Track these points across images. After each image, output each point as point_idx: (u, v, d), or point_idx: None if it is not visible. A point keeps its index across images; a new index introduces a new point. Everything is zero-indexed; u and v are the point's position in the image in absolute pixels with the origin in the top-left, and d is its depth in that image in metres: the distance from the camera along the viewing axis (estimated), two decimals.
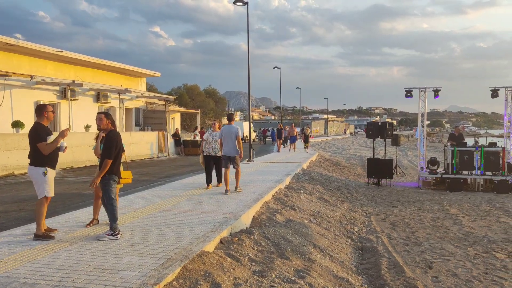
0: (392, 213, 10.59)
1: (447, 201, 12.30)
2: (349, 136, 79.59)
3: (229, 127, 9.43)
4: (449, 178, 14.56)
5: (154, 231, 5.90)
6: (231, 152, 9.30)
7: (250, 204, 7.96)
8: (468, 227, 9.04)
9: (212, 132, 10.02)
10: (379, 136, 16.17)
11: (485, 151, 14.44)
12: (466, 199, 12.62)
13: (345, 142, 52.30)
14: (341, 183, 14.97)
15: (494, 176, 14.33)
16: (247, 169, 15.08)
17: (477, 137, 35.95)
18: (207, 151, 9.95)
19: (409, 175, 19.51)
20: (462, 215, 10.22)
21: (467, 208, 11.20)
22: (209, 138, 9.96)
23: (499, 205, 11.58)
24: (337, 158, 26.92)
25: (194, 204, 7.95)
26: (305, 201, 10.03)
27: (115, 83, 24.48)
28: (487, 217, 10.09)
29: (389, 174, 15.54)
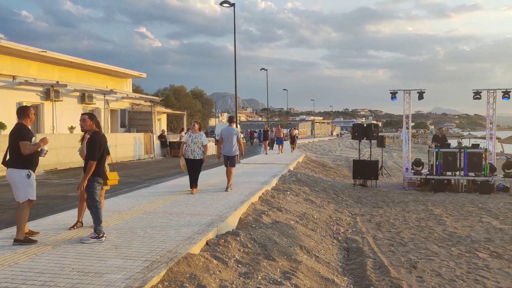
0: (378, 213, 10.68)
1: (431, 201, 12.46)
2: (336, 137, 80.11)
3: (229, 128, 10.02)
4: (433, 179, 14.76)
5: (139, 234, 5.84)
6: (229, 152, 9.98)
7: (236, 205, 7.95)
8: (452, 227, 9.17)
9: (192, 134, 9.52)
10: (364, 137, 16.32)
11: (468, 153, 14.67)
12: (450, 200, 12.80)
13: (332, 143, 52.64)
14: (327, 184, 15.04)
15: (476, 177, 14.57)
16: (235, 170, 15.02)
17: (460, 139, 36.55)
18: (187, 154, 9.44)
19: (394, 176, 19.72)
20: (446, 216, 10.36)
21: (451, 208, 11.36)
22: (189, 141, 9.44)
23: (482, 206, 11.77)
24: (324, 159, 27.07)
25: (180, 206, 7.90)
26: (291, 202, 10.05)
27: (100, 84, 24.22)
28: (470, 217, 10.25)
29: (375, 175, 15.68)
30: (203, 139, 9.39)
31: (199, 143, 9.34)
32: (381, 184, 16.45)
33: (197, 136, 9.41)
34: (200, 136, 9.41)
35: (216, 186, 10.83)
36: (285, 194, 10.80)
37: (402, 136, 17.26)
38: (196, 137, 9.41)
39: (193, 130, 9.57)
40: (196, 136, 9.42)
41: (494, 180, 14.50)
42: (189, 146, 9.38)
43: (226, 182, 10.24)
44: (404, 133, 16.80)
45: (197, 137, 9.40)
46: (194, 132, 9.51)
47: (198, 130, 9.53)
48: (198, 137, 9.39)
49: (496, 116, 15.95)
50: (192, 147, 9.35)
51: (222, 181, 11.80)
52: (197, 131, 9.51)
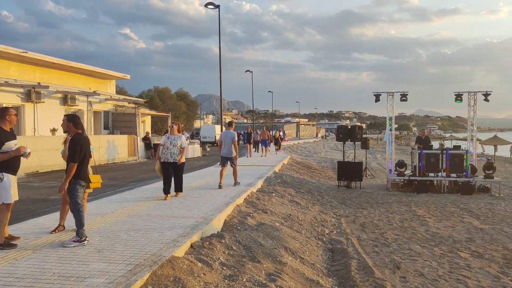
0: (362, 215, 10.77)
1: (415, 202, 12.63)
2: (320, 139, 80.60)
3: (228, 132, 10.89)
4: (416, 180, 14.96)
5: (123, 237, 5.77)
6: (228, 153, 10.87)
7: (221, 208, 7.92)
8: (434, 227, 9.30)
9: (170, 136, 8.97)
10: (349, 139, 16.45)
11: (450, 154, 14.92)
12: (432, 201, 12.99)
13: (317, 145, 52.95)
14: (312, 185, 15.11)
15: (458, 178, 14.82)
16: (219, 172, 15.00)
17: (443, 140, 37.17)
18: (164, 157, 8.85)
19: (378, 177, 19.92)
20: (429, 216, 10.51)
21: (433, 209, 11.53)
22: (167, 143, 8.88)
23: (463, 206, 11.98)
24: (309, 161, 27.20)
25: (164, 209, 7.84)
26: (276, 204, 10.06)
27: (83, 85, 23.90)
28: (452, 217, 10.41)
29: (359, 176, 15.82)
30: (182, 141, 8.93)
31: (178, 145, 8.87)
32: (365, 185, 16.60)
33: (175, 138, 8.92)
34: (179, 137, 8.94)
35: (201, 188, 10.78)
36: (270, 196, 10.81)
37: (386, 138, 17.46)
38: (174, 139, 8.92)
39: (171, 131, 9.05)
40: (175, 138, 8.93)
41: (475, 181, 14.77)
42: (167, 149, 8.86)
43: (212, 183, 10.50)
44: (387, 135, 17.00)
45: (176, 139, 8.91)
46: (172, 134, 8.99)
47: (177, 132, 9.04)
48: (177, 139, 8.91)
49: (477, 118, 16.25)
50: (171, 149, 8.85)
51: (207, 183, 11.76)
52: (176, 133, 9.02)
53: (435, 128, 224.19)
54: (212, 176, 13.70)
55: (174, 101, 56.15)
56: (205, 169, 16.83)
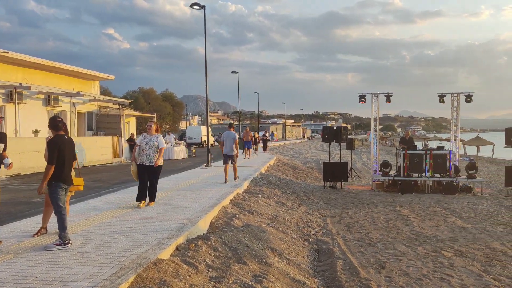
0: (347, 215, 10.85)
1: (399, 202, 12.77)
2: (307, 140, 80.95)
3: (229, 133, 12.17)
4: (401, 180, 15.14)
5: (107, 240, 5.71)
6: (230, 152, 12.04)
7: (207, 209, 7.89)
8: (419, 227, 9.42)
9: (147, 136, 8.26)
10: (334, 140, 16.55)
11: (434, 154, 15.13)
12: (416, 201, 13.16)
13: (303, 146, 53.17)
14: (298, 186, 15.17)
15: (442, 178, 15.04)
16: (205, 173, 14.98)
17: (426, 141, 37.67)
18: (140, 159, 8.11)
19: (363, 178, 20.10)
20: (413, 216, 10.64)
21: (418, 209, 11.68)
22: (143, 143, 8.17)
23: (447, 206, 12.16)
24: (295, 162, 27.29)
25: (149, 211, 7.77)
26: (263, 205, 10.07)
27: (66, 86, 23.57)
28: (435, 217, 10.56)
29: (344, 177, 15.93)
30: (159, 141, 8.21)
31: (155, 147, 8.15)
32: (350, 185, 16.72)
33: (152, 139, 8.20)
34: (157, 138, 8.22)
35: (186, 189, 10.73)
36: (257, 197, 10.81)
37: (371, 139, 17.63)
38: (151, 140, 8.18)
39: (148, 131, 8.34)
40: (152, 138, 8.20)
41: (458, 181, 15.01)
42: (143, 150, 8.12)
43: (198, 185, 10.54)
44: (372, 135, 17.16)
45: (153, 139, 8.19)
46: (150, 134, 8.28)
47: (154, 131, 8.33)
48: (154, 140, 8.19)
49: (459, 118, 16.52)
50: (147, 151, 8.09)
51: (192, 185, 11.72)
52: (154, 133, 8.30)
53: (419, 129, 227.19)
54: (197, 178, 13.65)
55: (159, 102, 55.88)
56: (191, 171, 16.75)
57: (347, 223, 9.85)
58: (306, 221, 9.79)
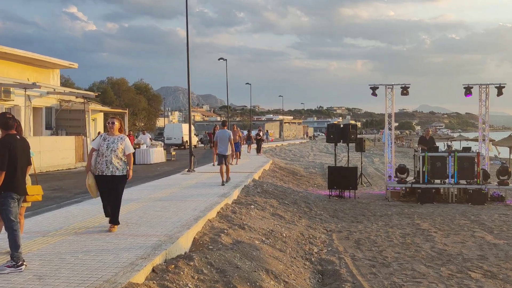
0: (357, 229, 10.89)
1: (418, 214, 12.85)
2: (308, 140, 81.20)
3: (223, 131, 13.37)
4: (420, 188, 15.22)
5: (69, 260, 5.68)
6: (224, 151, 13.24)
7: (190, 223, 7.89)
8: (441, 243, 9.48)
9: (107, 137, 7.41)
10: (341, 140, 16.61)
11: (459, 157, 15.23)
12: (438, 212, 13.25)
13: (304, 147, 53.31)
14: (298, 195, 15.20)
15: (468, 185, 15.14)
16: (187, 180, 14.96)
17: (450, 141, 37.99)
18: (99, 169, 7.25)
19: (376, 185, 20.19)
20: (435, 230, 10.71)
21: (440, 222, 11.76)
22: (102, 147, 7.29)
23: (474, 218, 12.26)
24: (294, 166, 27.34)
25: (120, 225, 7.74)
26: (256, 218, 10.08)
27: (19, 76, 23.42)
28: (461, 231, 10.64)
29: (353, 184, 15.99)
30: (125, 144, 7.39)
31: (120, 151, 7.31)
32: (360, 194, 16.79)
33: (115, 140, 7.35)
34: (121, 139, 7.39)
35: (165, 200, 10.72)
36: (249, 208, 10.82)
37: (384, 139, 17.71)
38: (114, 142, 7.33)
39: (109, 130, 7.49)
40: (115, 140, 7.35)
41: (487, 188, 15.12)
42: (103, 156, 7.25)
43: (179, 194, 10.59)
44: (386, 135, 17.24)
45: (116, 141, 7.34)
46: (111, 134, 7.44)
47: (118, 131, 7.51)
48: (117, 142, 7.34)
49: (489, 114, 16.65)
50: (107, 157, 7.22)
51: (172, 194, 11.70)
52: (117, 132, 7.48)
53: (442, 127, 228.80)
54: (178, 185, 13.63)
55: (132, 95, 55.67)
56: (170, 177, 16.72)
57: (357, 239, 9.88)
58: (308, 237, 9.81)
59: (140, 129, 54.00)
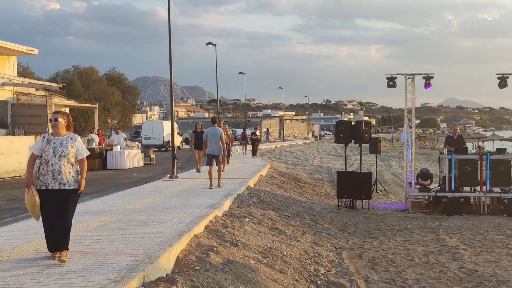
0: (371, 246, 10.89)
1: (444, 228, 12.86)
2: (314, 140, 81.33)
3: (213, 129, 14.52)
4: (446, 197, 15.23)
5: (29, 284, 5.66)
6: (215, 151, 14.36)
7: (172, 239, 7.87)
8: (471, 263, 9.49)
9: (53, 138, 6.78)
10: (352, 140, 16.61)
11: (492, 160, 15.25)
12: (468, 225, 13.27)
13: (308, 149, 53.40)
14: (302, 206, 15.20)
15: (503, 193, 15.16)
16: (169, 188, 14.94)
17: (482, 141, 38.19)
18: (42, 181, 6.63)
19: (394, 193, 20.21)
20: (464, 247, 10.73)
21: (470, 237, 11.78)
22: (47, 152, 6.64)
23: (510, 232, 12.29)
24: (297, 171, 27.36)
25: (89, 242, 7.72)
26: (251, 233, 10.07)
27: None
28: (495, 248, 10.66)
29: (367, 192, 15.99)
30: (77, 147, 6.86)
31: (71, 156, 6.77)
32: (375, 205, 16.80)
33: (64, 142, 6.78)
34: (71, 140, 6.83)
35: (143, 212, 10.69)
36: (243, 221, 10.81)
37: (404, 138, 17.73)
38: (62, 144, 6.75)
39: (53, 129, 6.84)
40: (63, 141, 6.78)
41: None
42: (48, 164, 6.63)
43: (159, 204, 10.69)
44: (406, 134, 17.25)
45: (65, 143, 6.77)
46: (57, 134, 6.84)
47: (65, 129, 6.90)
48: (67, 144, 6.77)
49: None
50: (55, 165, 6.62)
51: (151, 205, 11.68)
52: (63, 131, 6.89)
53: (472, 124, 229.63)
54: (158, 194, 13.61)
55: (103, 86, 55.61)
56: (149, 184, 16.68)
57: (371, 258, 9.89)
58: (313, 255, 9.81)
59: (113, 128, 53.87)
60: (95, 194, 14.36)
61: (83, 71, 56.85)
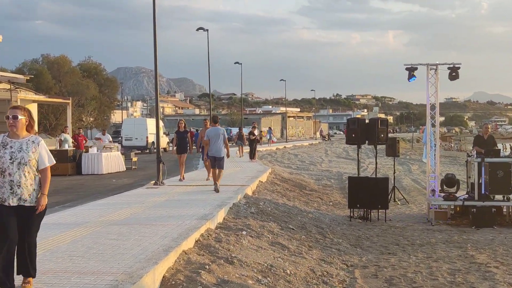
0: (389, 264, 10.88)
1: (473, 242, 12.85)
2: (321, 141, 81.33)
3: (216, 129, 15.45)
4: (475, 206, 15.22)
5: None
6: (218, 153, 15.32)
7: (157, 256, 7.85)
8: (505, 283, 9.49)
9: (9, 141, 6.28)
10: (366, 141, 16.59)
11: None
12: (500, 239, 13.26)
13: (315, 150, 53.41)
14: (308, 217, 15.19)
15: None
16: (154, 197, 14.92)
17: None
18: None
19: (414, 202, 20.20)
20: (495, 265, 10.72)
21: (503, 253, 11.77)
22: (3, 159, 6.17)
23: None
24: (302, 177, 27.34)
25: (61, 259, 7.71)
26: (249, 248, 10.06)
27: None
28: None
29: (383, 201, 15.98)
30: (40, 152, 6.37)
31: (33, 163, 6.30)
32: (393, 215, 16.79)
33: (24, 146, 6.29)
34: (33, 144, 6.36)
35: (123, 224, 10.69)
36: (239, 235, 10.80)
37: (426, 139, 17.73)
38: (22, 149, 6.26)
39: (11, 128, 6.30)
40: (22, 145, 6.29)
41: None
42: (3, 173, 6.18)
43: (142, 215, 10.93)
44: (428, 133, 17.24)
45: (25, 147, 6.29)
46: (14, 135, 6.34)
47: (25, 129, 6.40)
48: (28, 149, 6.29)
49: None
50: (13, 175, 6.16)
51: (133, 216, 11.67)
52: (23, 132, 6.39)
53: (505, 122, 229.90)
54: (141, 204, 13.60)
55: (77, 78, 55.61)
56: (131, 193, 16.66)
57: (388, 278, 9.88)
58: (320, 274, 9.80)
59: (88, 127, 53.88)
60: (68, 203, 14.32)
61: (53, 61, 56.81)
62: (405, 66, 16.67)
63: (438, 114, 16.93)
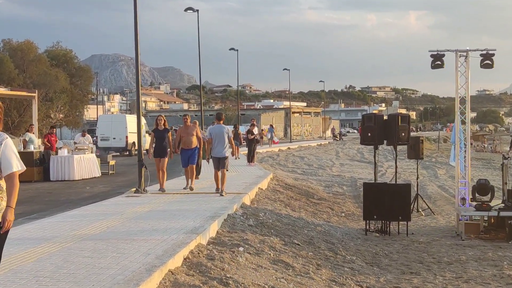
0: (411, 285, 10.89)
1: (510, 260, 12.87)
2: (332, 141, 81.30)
3: (219, 127, 16.30)
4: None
5: None
6: (221, 153, 16.22)
7: (139, 276, 7.86)
8: None
9: None
10: (384, 141, 16.60)
11: None
12: None
13: (324, 152, 53.39)
14: (316, 231, 15.20)
15: None
16: (135, 207, 14.93)
17: None
18: None
19: (441, 213, 20.21)
20: None
21: None
22: None
23: None
24: (309, 183, 27.34)
25: (25, 280, 7.72)
26: (247, 267, 10.07)
27: None
28: None
29: (404, 212, 15.98)
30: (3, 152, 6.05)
31: None
32: (416, 228, 16.79)
33: None
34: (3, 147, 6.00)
35: (99, 239, 10.69)
36: (235, 252, 10.81)
37: (454, 138, 17.74)
38: None
39: None
40: None
41: None
42: None
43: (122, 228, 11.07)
44: (457, 132, 17.25)
45: None
46: None
47: None
48: None
49: None
50: None
51: (110, 230, 11.68)
52: None
53: None
54: (120, 216, 13.60)
55: (44, 67, 55.50)
56: (108, 201, 16.66)
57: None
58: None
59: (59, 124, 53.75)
60: (34, 215, 14.29)
61: (16, 47, 56.68)
62: (430, 53, 16.66)
63: (469, 109, 16.92)
